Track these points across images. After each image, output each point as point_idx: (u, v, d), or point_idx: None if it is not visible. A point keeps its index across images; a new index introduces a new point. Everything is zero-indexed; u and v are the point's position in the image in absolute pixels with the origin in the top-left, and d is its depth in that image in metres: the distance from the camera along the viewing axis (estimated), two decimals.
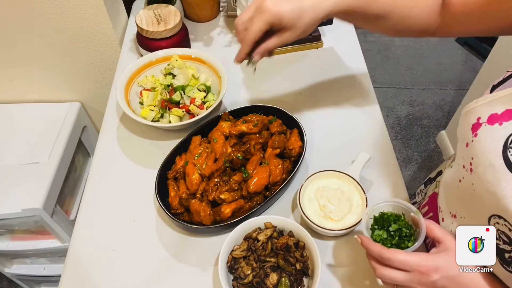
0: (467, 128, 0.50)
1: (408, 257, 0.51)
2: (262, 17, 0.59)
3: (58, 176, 1.18)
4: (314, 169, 0.79)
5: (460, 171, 0.54)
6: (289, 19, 0.59)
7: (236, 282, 0.65)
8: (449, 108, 2.30)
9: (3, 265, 1.34)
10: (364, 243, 0.56)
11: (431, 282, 0.50)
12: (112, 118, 0.93)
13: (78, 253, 0.73)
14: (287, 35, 0.61)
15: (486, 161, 0.46)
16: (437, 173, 0.76)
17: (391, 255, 0.52)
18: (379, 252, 0.54)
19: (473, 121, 0.49)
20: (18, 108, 1.32)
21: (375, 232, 0.59)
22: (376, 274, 0.54)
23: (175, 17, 0.99)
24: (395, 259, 0.52)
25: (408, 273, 0.51)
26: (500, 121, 0.46)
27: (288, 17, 0.58)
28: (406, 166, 2.07)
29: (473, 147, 0.49)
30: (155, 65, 0.96)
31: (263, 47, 0.63)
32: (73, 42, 1.16)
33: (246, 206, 0.74)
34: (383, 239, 0.58)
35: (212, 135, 0.81)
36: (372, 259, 0.56)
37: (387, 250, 0.53)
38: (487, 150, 0.46)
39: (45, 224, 1.15)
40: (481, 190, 0.48)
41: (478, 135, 0.48)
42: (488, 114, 0.47)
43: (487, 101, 0.48)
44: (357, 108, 0.94)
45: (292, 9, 0.58)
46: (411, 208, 0.59)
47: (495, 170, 0.45)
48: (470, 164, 0.50)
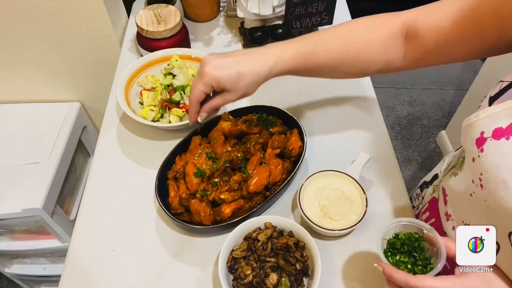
0: (471, 143, 0.49)
1: (437, 283, 0.48)
2: (202, 80, 0.64)
3: (58, 176, 1.18)
4: (314, 169, 0.79)
5: (470, 185, 0.52)
6: (226, 82, 0.63)
7: (236, 282, 0.65)
8: (449, 108, 2.30)
9: (3, 265, 1.34)
10: (386, 272, 0.52)
11: None
12: (112, 118, 0.93)
13: (78, 253, 0.73)
14: (229, 96, 0.66)
15: (497, 177, 0.45)
16: (433, 177, 0.74)
17: (419, 283, 0.48)
18: (405, 280, 0.50)
19: (477, 136, 0.48)
20: (18, 108, 1.32)
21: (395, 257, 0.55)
22: None
23: (175, 17, 0.99)
24: (423, 286, 0.48)
25: None
26: (507, 136, 0.44)
27: (225, 81, 0.63)
28: (406, 166, 2.07)
29: (480, 162, 0.47)
30: (155, 65, 0.96)
31: (207, 106, 0.69)
32: (73, 42, 1.16)
33: (246, 206, 0.74)
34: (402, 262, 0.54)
35: (212, 135, 0.81)
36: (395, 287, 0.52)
37: (414, 278, 0.50)
38: (496, 166, 0.45)
39: (45, 224, 1.15)
40: (495, 206, 0.47)
41: (484, 150, 0.47)
42: (492, 129, 0.46)
43: (489, 114, 0.47)
44: (357, 108, 0.94)
45: (229, 74, 0.63)
46: (424, 226, 0.56)
47: (508, 187, 0.44)
48: (479, 179, 0.48)
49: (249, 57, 0.65)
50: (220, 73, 0.63)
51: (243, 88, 0.65)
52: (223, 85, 0.64)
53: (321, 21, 0.99)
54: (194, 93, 0.66)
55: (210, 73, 0.63)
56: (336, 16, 0.99)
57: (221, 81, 0.63)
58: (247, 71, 0.63)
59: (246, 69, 0.63)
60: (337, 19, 1.00)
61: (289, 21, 0.96)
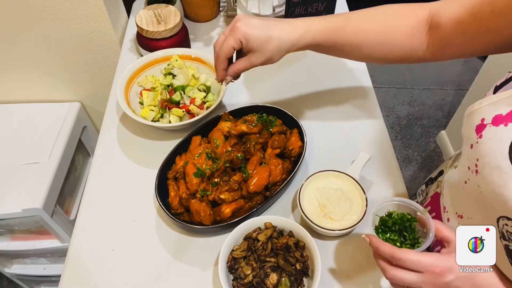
0: (471, 129, 0.50)
1: (421, 257, 0.50)
2: (233, 35, 0.65)
3: (58, 176, 1.18)
4: (314, 169, 0.79)
5: (465, 172, 0.53)
6: (255, 41, 0.64)
7: (236, 282, 0.65)
8: (449, 108, 2.30)
9: (3, 265, 1.34)
10: (373, 243, 0.54)
11: (445, 283, 0.49)
12: (112, 118, 0.93)
13: (78, 253, 0.73)
14: (254, 58, 0.67)
15: (492, 163, 0.46)
16: (438, 173, 0.76)
17: (403, 255, 0.50)
18: (390, 252, 0.52)
19: (477, 122, 0.49)
20: (18, 108, 1.32)
21: (385, 234, 0.57)
22: (386, 275, 0.53)
23: (175, 17, 0.99)
24: (407, 259, 0.50)
25: (421, 274, 0.50)
26: (506, 122, 0.45)
27: (254, 39, 0.64)
28: (406, 166, 2.07)
29: (478, 148, 0.48)
30: (155, 65, 0.96)
31: (232, 69, 0.69)
32: (73, 42, 1.16)
33: (246, 206, 0.74)
34: (392, 240, 0.56)
35: (212, 135, 0.81)
36: (381, 259, 0.54)
37: (399, 250, 0.51)
38: (492, 152, 0.46)
39: (45, 224, 1.15)
40: (487, 191, 0.48)
41: (483, 137, 0.48)
42: (492, 115, 0.47)
43: (491, 102, 0.48)
44: (357, 108, 0.94)
45: (260, 34, 0.64)
46: (418, 207, 0.57)
47: (502, 172, 0.45)
48: (475, 165, 0.49)
49: (280, 24, 0.66)
50: (251, 31, 0.64)
51: (269, 51, 0.65)
52: (251, 44, 0.64)
53: None
54: (223, 48, 0.66)
55: (242, 29, 0.64)
56: None
57: (251, 39, 0.64)
58: (276, 35, 0.64)
59: (275, 33, 0.64)
60: None
61: None
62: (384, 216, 0.59)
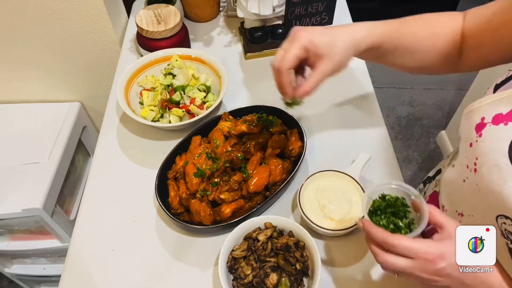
0: (471, 128, 0.50)
1: (413, 244, 0.49)
2: (295, 43, 0.61)
3: (58, 176, 1.18)
4: (314, 169, 0.79)
5: (464, 171, 0.53)
6: (321, 45, 0.61)
7: (236, 282, 0.65)
8: (449, 108, 2.30)
9: (3, 265, 1.34)
10: (365, 227, 0.54)
11: (437, 270, 0.48)
12: (112, 118, 0.93)
13: (78, 253, 0.73)
14: (323, 65, 0.62)
15: (491, 161, 0.46)
16: (436, 172, 0.76)
17: (395, 240, 0.50)
18: (382, 237, 0.51)
19: (477, 121, 0.49)
20: (18, 108, 1.32)
21: (378, 217, 0.56)
22: (378, 260, 0.52)
23: (175, 17, 0.99)
24: (399, 245, 0.49)
25: (412, 260, 0.49)
26: (506, 121, 0.45)
27: (320, 43, 0.61)
28: (406, 166, 2.07)
29: (477, 147, 0.48)
30: (155, 65, 0.96)
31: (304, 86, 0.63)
32: (73, 42, 1.16)
33: (246, 206, 0.74)
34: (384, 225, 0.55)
35: (212, 135, 0.81)
36: (373, 243, 0.53)
37: (391, 236, 0.51)
38: (492, 150, 0.46)
39: (45, 224, 1.15)
40: (486, 190, 0.48)
41: (482, 135, 0.48)
42: (492, 114, 0.47)
43: (491, 101, 0.48)
44: (357, 108, 0.94)
45: (324, 37, 0.61)
46: (412, 191, 0.56)
47: (501, 170, 0.45)
48: (474, 164, 0.49)
49: (341, 27, 0.64)
50: (315, 36, 0.61)
51: (337, 55, 0.62)
52: (318, 48, 0.61)
53: (321, 21, 0.99)
54: (286, 59, 0.61)
55: (305, 35, 0.61)
56: (336, 16, 0.99)
57: (317, 43, 0.60)
58: (340, 37, 0.62)
59: (339, 35, 0.62)
60: (337, 19, 1.00)
61: (289, 21, 0.96)
62: (378, 199, 0.58)
